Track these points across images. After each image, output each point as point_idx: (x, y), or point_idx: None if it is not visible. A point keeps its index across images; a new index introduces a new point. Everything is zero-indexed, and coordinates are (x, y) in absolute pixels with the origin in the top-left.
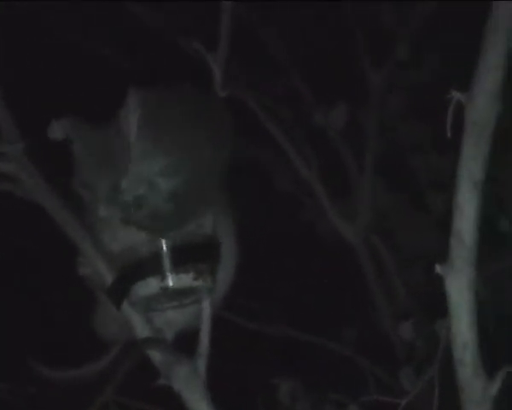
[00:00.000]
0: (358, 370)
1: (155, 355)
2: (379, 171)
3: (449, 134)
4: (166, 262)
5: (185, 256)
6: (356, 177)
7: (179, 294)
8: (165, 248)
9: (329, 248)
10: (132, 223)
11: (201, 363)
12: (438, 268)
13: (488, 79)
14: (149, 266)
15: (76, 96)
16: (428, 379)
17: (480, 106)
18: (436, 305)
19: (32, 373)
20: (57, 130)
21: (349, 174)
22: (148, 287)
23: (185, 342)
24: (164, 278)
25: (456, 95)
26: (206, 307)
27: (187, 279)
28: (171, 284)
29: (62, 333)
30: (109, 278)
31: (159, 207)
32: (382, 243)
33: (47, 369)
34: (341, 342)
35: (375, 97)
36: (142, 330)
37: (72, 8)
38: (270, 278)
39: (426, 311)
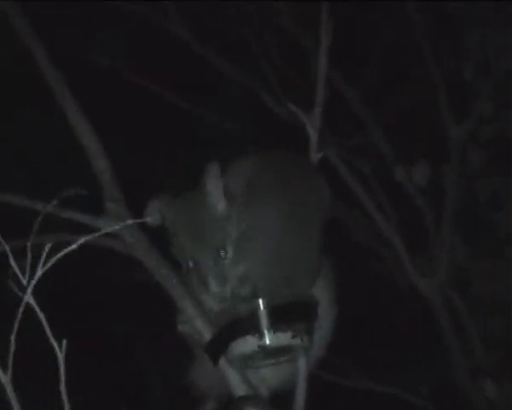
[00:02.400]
0: None
1: None
2: (457, 224)
3: None
4: (264, 321)
5: (283, 315)
6: (434, 231)
7: (276, 352)
8: (262, 307)
9: (407, 300)
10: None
11: None
12: None
13: None
14: (247, 324)
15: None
16: None
17: None
18: None
19: None
20: (152, 213)
21: (428, 228)
22: (245, 345)
23: (280, 400)
24: (261, 336)
25: None
26: (302, 366)
27: (284, 338)
28: (268, 342)
29: (158, 387)
30: (207, 335)
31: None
32: (460, 297)
33: None
34: (419, 395)
35: (456, 153)
36: (238, 386)
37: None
38: (347, 330)
39: (506, 366)
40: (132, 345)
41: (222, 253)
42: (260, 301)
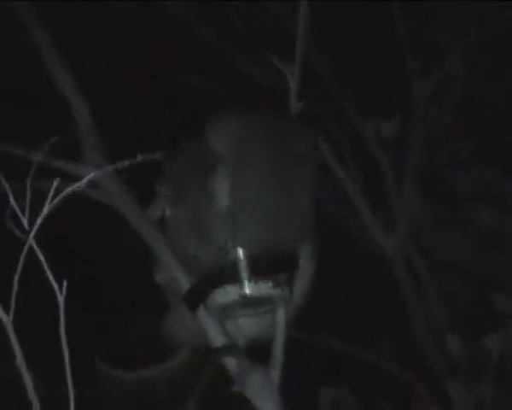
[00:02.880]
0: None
1: (230, 363)
2: (419, 183)
3: None
4: (244, 270)
5: (264, 265)
6: (397, 189)
7: (256, 302)
8: (242, 256)
9: (370, 261)
10: None
11: (275, 372)
12: None
13: None
14: (228, 273)
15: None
16: (481, 393)
17: None
18: (475, 317)
19: (98, 373)
20: (155, 210)
21: (390, 187)
22: (226, 294)
23: (257, 351)
24: (242, 285)
25: None
26: (282, 317)
27: (265, 288)
28: (249, 291)
29: (129, 335)
30: (186, 284)
31: None
32: (420, 256)
33: (113, 369)
34: (381, 353)
35: (420, 110)
36: (216, 336)
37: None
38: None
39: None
40: (105, 292)
41: (223, 248)
42: (240, 251)
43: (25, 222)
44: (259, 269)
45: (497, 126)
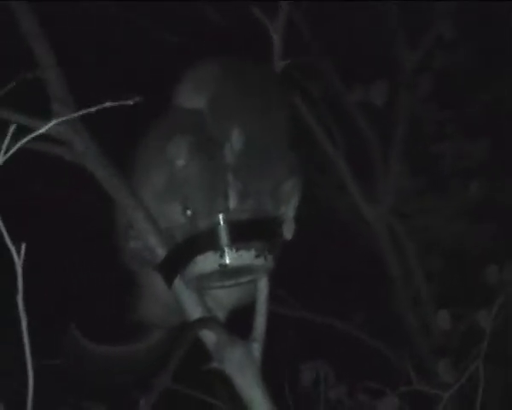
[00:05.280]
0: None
1: (208, 337)
2: (405, 155)
3: None
4: (224, 237)
5: (245, 232)
6: (381, 160)
7: (237, 272)
8: (222, 222)
9: (350, 231)
10: None
11: (257, 347)
12: None
13: None
14: (206, 241)
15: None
16: (471, 373)
17: None
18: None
19: (68, 341)
20: (180, 152)
21: (376, 158)
22: (205, 263)
23: (235, 324)
24: (222, 254)
25: None
26: (264, 287)
27: (248, 257)
28: (229, 261)
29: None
30: (161, 253)
31: None
32: (403, 228)
33: (89, 342)
34: (351, 323)
35: (408, 79)
36: (193, 308)
37: None
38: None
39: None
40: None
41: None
42: (220, 216)
43: None
44: (240, 236)
45: (483, 97)
